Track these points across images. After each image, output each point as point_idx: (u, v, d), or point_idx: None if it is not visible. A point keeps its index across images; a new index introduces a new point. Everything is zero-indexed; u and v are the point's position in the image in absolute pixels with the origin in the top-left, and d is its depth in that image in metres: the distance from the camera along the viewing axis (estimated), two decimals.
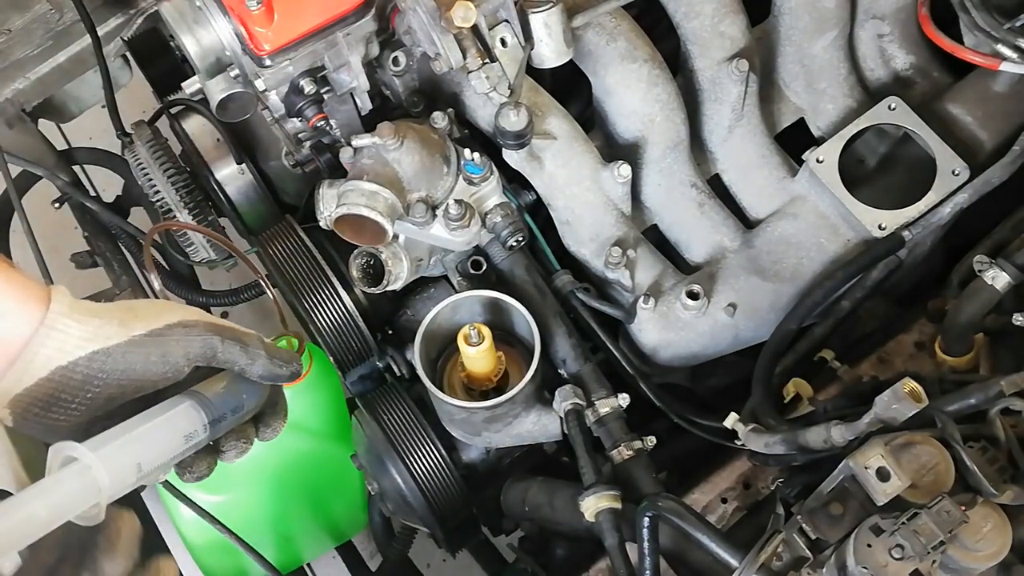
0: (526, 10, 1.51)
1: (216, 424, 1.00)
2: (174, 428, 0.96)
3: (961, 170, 1.57)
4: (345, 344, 1.60)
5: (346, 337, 1.59)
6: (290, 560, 2.04)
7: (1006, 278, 1.39)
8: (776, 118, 1.80)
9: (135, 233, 1.93)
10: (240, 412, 1.03)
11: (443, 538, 1.64)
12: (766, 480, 1.53)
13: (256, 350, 1.02)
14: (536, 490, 1.54)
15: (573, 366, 1.54)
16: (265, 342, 1.04)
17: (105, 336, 0.94)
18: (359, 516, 2.00)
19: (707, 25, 1.66)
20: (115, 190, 2.05)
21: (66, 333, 0.92)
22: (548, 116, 1.60)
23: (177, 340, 0.97)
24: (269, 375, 1.03)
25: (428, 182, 1.49)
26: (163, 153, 1.80)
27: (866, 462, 1.10)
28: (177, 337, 0.97)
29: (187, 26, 1.46)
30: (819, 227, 1.65)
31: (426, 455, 1.54)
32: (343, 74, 1.50)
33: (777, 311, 1.60)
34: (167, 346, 0.96)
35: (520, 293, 1.54)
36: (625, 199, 1.64)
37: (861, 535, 1.08)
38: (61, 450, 0.86)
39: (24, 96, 1.94)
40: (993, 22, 1.54)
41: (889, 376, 1.55)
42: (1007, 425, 1.19)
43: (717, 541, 1.19)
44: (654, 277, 1.63)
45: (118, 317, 0.96)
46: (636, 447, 1.45)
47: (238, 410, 1.03)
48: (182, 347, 0.97)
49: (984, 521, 1.10)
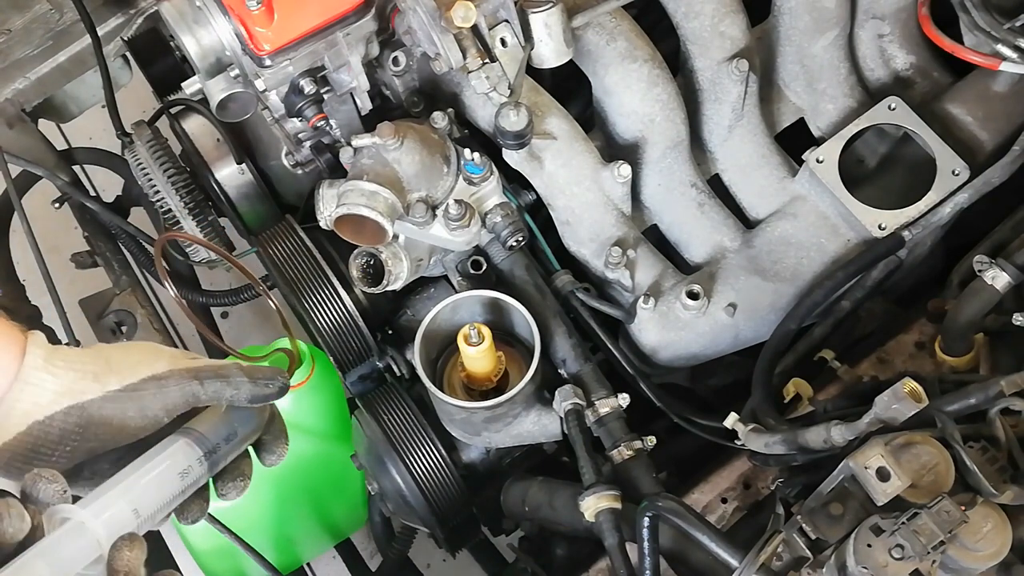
0: (526, 10, 1.51)
1: (212, 455, 1.00)
2: (168, 468, 0.95)
3: (961, 170, 1.57)
4: (345, 344, 1.60)
5: (346, 337, 1.59)
6: (290, 560, 2.04)
7: (1006, 278, 1.39)
8: (776, 118, 1.80)
9: (135, 233, 1.93)
10: (235, 439, 1.03)
11: (443, 538, 1.64)
12: (766, 480, 1.53)
13: (238, 379, 1.01)
14: (536, 490, 1.54)
15: (573, 366, 1.54)
16: (244, 367, 1.03)
17: (80, 391, 0.93)
18: (359, 516, 2.00)
19: (707, 25, 1.66)
20: (115, 190, 2.05)
21: (41, 387, 0.92)
22: (548, 116, 1.60)
23: (153, 394, 0.96)
24: (258, 397, 1.03)
25: (428, 182, 1.49)
26: (163, 153, 1.80)
27: (866, 462, 1.10)
28: (153, 391, 0.96)
29: (187, 26, 1.46)
30: (819, 227, 1.65)
31: (426, 455, 1.54)
32: (343, 74, 1.50)
33: (777, 311, 1.60)
34: (144, 400, 0.96)
35: (520, 293, 1.54)
36: (625, 199, 1.64)
37: (861, 535, 1.08)
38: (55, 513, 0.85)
39: (24, 96, 1.95)
40: (993, 22, 1.54)
41: (889, 376, 1.55)
42: (1007, 425, 1.19)
43: (717, 541, 1.19)
44: (654, 277, 1.63)
45: (92, 370, 0.95)
46: (636, 447, 1.45)
47: (231, 438, 1.02)
48: (159, 400, 0.97)
49: (984, 521, 1.10)
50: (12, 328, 0.95)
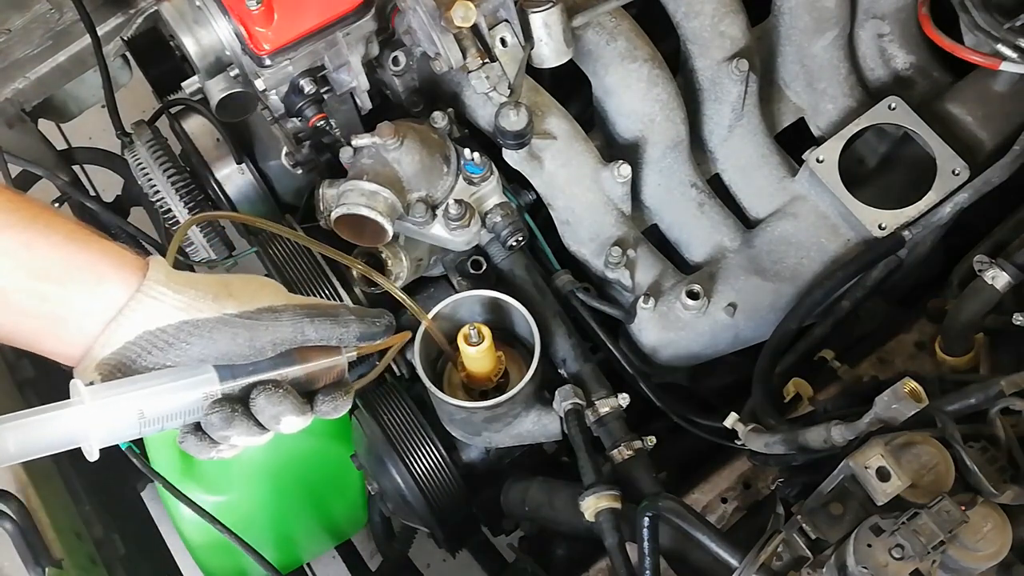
0: (526, 10, 1.50)
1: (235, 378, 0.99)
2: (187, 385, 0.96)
3: (961, 170, 1.57)
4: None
5: None
6: (290, 560, 2.04)
7: (1006, 278, 1.39)
8: (776, 118, 1.80)
9: (135, 233, 1.93)
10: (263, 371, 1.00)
11: (443, 538, 1.64)
12: (766, 480, 1.53)
13: (347, 317, 1.02)
14: (536, 490, 1.54)
15: (573, 366, 1.54)
16: (352, 307, 1.06)
17: (197, 309, 0.95)
18: (359, 516, 2.00)
19: (707, 25, 1.65)
20: (115, 190, 2.05)
21: (160, 300, 0.94)
22: (548, 116, 1.60)
23: (266, 326, 0.98)
24: (366, 335, 1.04)
25: (428, 182, 1.49)
26: (163, 153, 1.79)
27: (866, 462, 1.10)
28: (267, 323, 0.98)
29: (187, 26, 1.46)
30: (819, 227, 1.65)
31: (426, 455, 1.54)
32: (343, 74, 1.50)
33: (777, 311, 1.60)
34: (256, 331, 0.97)
35: (520, 293, 1.54)
36: (625, 199, 1.64)
37: (861, 535, 1.08)
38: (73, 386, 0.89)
39: (24, 96, 1.94)
40: (993, 22, 1.54)
41: (889, 376, 1.55)
42: (1007, 425, 1.19)
43: (717, 541, 1.19)
44: (654, 277, 1.63)
45: (212, 292, 0.97)
46: (636, 447, 1.45)
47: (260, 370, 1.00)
48: (270, 333, 0.98)
49: (984, 521, 1.10)
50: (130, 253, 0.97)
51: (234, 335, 0.96)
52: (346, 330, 1.02)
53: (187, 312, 0.95)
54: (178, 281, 0.96)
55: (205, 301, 0.96)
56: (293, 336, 0.99)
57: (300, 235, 1.24)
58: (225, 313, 0.96)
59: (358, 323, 1.03)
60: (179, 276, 0.97)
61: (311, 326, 1.00)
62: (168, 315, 0.94)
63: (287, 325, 0.99)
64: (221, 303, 0.97)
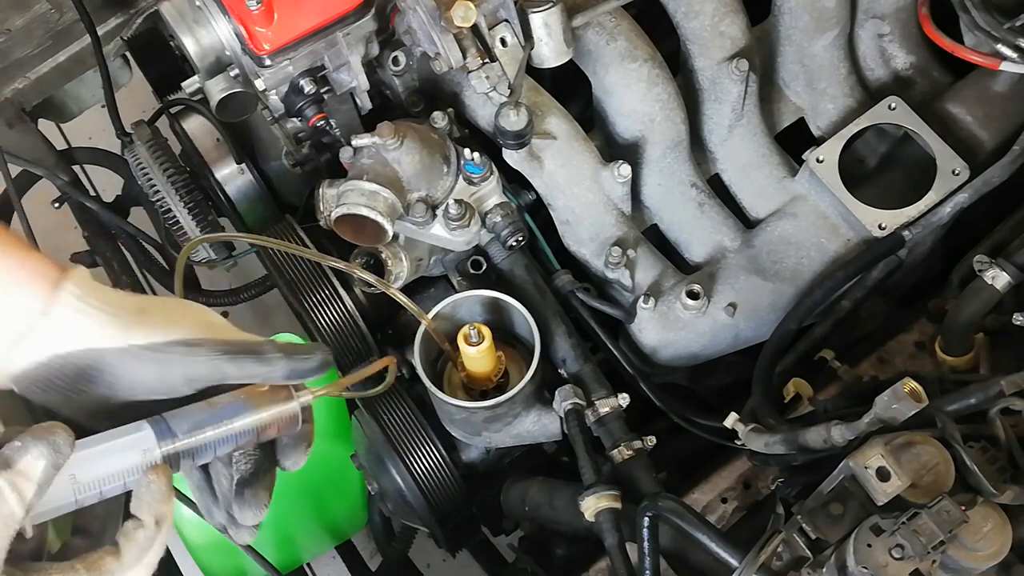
0: (526, 10, 1.51)
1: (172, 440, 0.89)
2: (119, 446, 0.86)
3: (961, 170, 1.57)
4: (345, 344, 1.60)
5: (346, 337, 1.59)
6: (290, 560, 2.04)
7: (1006, 278, 1.39)
8: (776, 118, 1.80)
9: (135, 233, 1.93)
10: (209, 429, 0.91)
11: (443, 538, 1.64)
12: (766, 480, 1.52)
13: (272, 355, 0.93)
14: (536, 490, 1.54)
15: (573, 366, 1.54)
16: (280, 344, 0.95)
17: (103, 336, 0.88)
18: (359, 516, 2.00)
19: (707, 25, 1.65)
20: (115, 190, 2.05)
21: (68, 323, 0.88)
22: (548, 116, 1.60)
23: (177, 360, 0.90)
24: (296, 372, 0.95)
25: (428, 182, 1.49)
26: (163, 153, 1.80)
27: (866, 462, 1.10)
28: (177, 357, 0.90)
29: (187, 26, 1.46)
30: (819, 227, 1.65)
31: (426, 455, 1.54)
32: (343, 74, 1.50)
33: (777, 311, 1.60)
34: (166, 365, 0.89)
35: (520, 293, 1.54)
36: (625, 199, 1.64)
37: (861, 535, 1.08)
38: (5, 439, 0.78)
39: (24, 96, 1.94)
40: (993, 22, 1.54)
41: (889, 376, 1.55)
42: (1007, 425, 1.19)
43: (717, 541, 1.19)
44: (654, 277, 1.63)
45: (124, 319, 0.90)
46: (636, 447, 1.45)
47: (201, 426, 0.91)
48: (181, 368, 0.90)
49: (984, 521, 1.10)
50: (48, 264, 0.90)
51: (142, 367, 0.89)
52: (270, 368, 0.93)
53: (91, 339, 0.87)
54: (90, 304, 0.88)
55: (112, 328, 0.88)
56: (209, 374, 0.91)
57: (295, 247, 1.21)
58: (131, 344, 0.88)
59: (285, 360, 0.93)
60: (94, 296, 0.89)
61: (230, 363, 0.91)
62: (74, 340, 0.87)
63: (201, 362, 0.90)
64: (129, 332, 0.89)
